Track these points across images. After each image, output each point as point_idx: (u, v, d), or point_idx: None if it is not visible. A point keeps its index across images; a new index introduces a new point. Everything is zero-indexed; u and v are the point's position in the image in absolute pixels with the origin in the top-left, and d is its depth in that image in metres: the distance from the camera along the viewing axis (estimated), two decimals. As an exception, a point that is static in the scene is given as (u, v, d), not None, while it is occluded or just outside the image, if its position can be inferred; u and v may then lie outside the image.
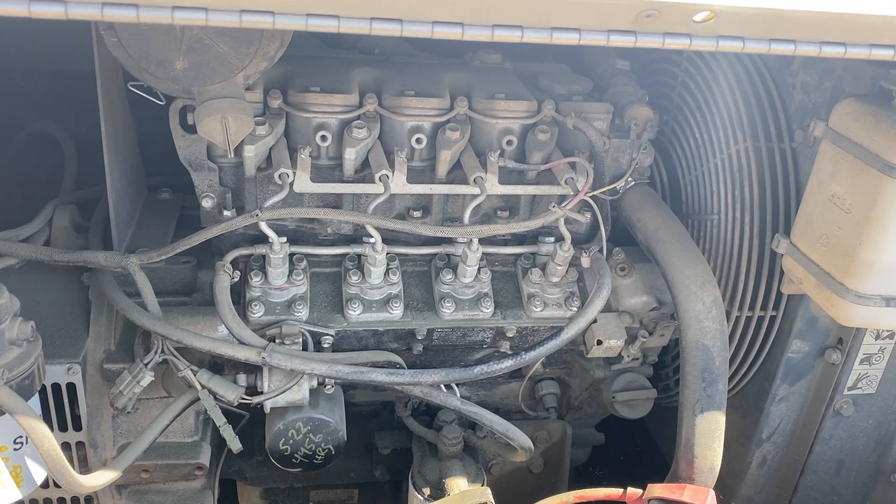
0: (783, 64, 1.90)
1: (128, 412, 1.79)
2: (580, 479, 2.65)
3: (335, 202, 1.90)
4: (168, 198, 2.18)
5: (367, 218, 1.73)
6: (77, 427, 1.84)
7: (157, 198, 2.18)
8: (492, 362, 1.71)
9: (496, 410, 2.21)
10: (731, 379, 2.03)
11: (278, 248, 1.75)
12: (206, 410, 1.89)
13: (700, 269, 1.77)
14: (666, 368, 2.22)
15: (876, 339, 1.87)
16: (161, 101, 1.57)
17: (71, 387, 1.79)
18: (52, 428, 1.82)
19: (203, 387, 1.71)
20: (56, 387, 1.77)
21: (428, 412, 2.17)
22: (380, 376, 1.68)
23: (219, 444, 2.03)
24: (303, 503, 2.38)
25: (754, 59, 1.97)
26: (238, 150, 1.79)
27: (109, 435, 1.87)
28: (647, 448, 2.61)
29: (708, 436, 1.75)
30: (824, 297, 1.55)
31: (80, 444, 1.87)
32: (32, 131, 2.57)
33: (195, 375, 1.72)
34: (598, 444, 2.44)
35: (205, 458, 1.91)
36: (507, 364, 1.71)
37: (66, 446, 1.87)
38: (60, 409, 1.81)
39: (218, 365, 1.93)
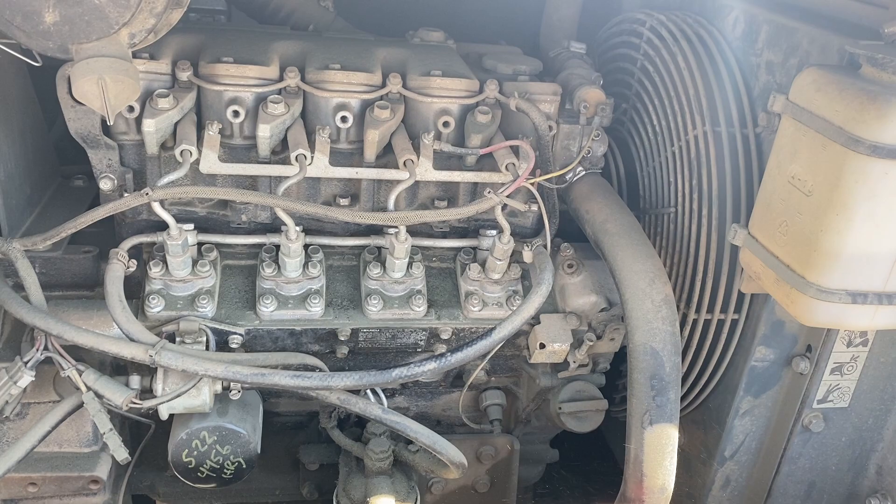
0: (747, 43, 1.73)
1: (7, 417, 1.59)
2: (538, 498, 2.45)
3: (251, 186, 1.72)
4: (82, 185, 2.00)
5: (276, 200, 1.55)
6: (-45, 433, 1.65)
7: (70, 185, 2.00)
8: (412, 365, 1.52)
9: (437, 423, 2.03)
10: (689, 390, 1.84)
11: (176, 234, 1.56)
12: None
13: (650, 263, 1.59)
14: (623, 378, 2.03)
15: (848, 346, 1.69)
16: (37, 62, 1.38)
17: (-54, 388, 1.59)
18: (-76, 435, 1.64)
19: (88, 388, 1.52)
20: (-71, 388, 1.58)
21: (359, 424, 1.97)
22: (284, 379, 1.48)
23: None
24: (225, 523, 2.18)
25: (717, 39, 1.80)
26: (140, 127, 1.61)
27: (-8, 443, 1.68)
28: (609, 467, 2.40)
29: (658, 451, 1.56)
30: (784, 293, 1.37)
31: (-41, 453, 1.67)
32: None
33: (80, 376, 1.52)
34: (552, 462, 2.24)
35: (102, 470, 1.71)
36: (430, 367, 1.51)
37: (-58, 455, 1.67)
38: (-65, 413, 1.61)
39: (122, 367, 1.74)
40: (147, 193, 1.48)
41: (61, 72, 1.51)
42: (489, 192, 1.63)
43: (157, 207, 1.51)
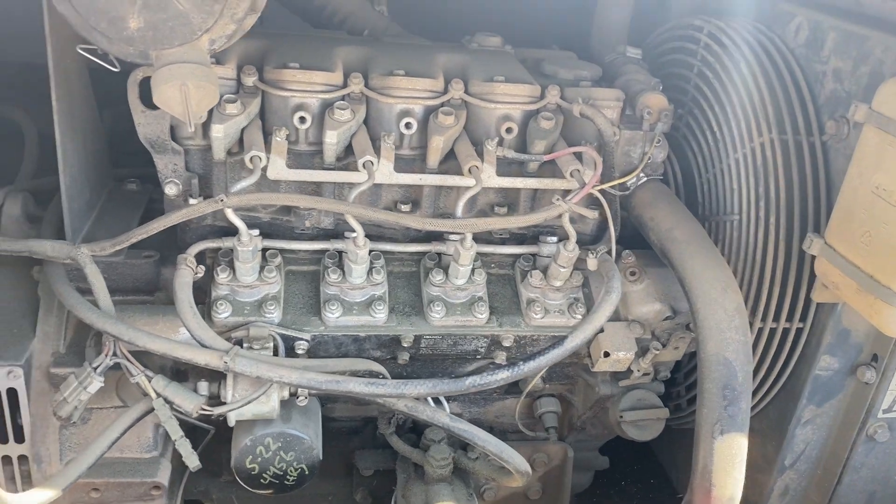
0: (811, 50, 1.73)
1: (74, 423, 1.59)
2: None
3: (315, 192, 1.71)
4: (135, 189, 2.00)
5: (348, 207, 1.54)
6: (19, 438, 1.65)
7: (123, 189, 2.00)
8: (485, 373, 1.51)
9: (490, 430, 2.01)
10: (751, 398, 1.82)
11: (247, 241, 1.55)
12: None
13: (721, 272, 1.58)
14: (678, 386, 2.02)
15: (916, 356, 1.68)
16: (116, 67, 1.38)
17: (12, 393, 1.60)
18: (-11, 438, 1.64)
19: (158, 395, 1.51)
20: (-4, 393, 1.58)
21: (414, 430, 1.97)
22: (358, 387, 1.48)
23: (182, 460, 1.83)
24: (276, 528, 2.17)
25: (779, 47, 1.80)
26: (206, 132, 1.61)
27: (56, 448, 1.68)
28: (654, 474, 2.40)
29: (728, 462, 1.55)
30: (867, 303, 1.36)
31: (22, 458, 1.67)
32: (-1, 116, 2.39)
33: (150, 382, 1.52)
34: (602, 469, 2.23)
35: (163, 476, 1.71)
36: (503, 376, 1.51)
37: (6, 460, 1.67)
38: (0, 418, 1.61)
39: (183, 373, 1.74)
40: (222, 200, 1.47)
41: (133, 77, 1.51)
42: (557, 200, 1.62)
43: (230, 214, 1.51)
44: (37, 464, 1.67)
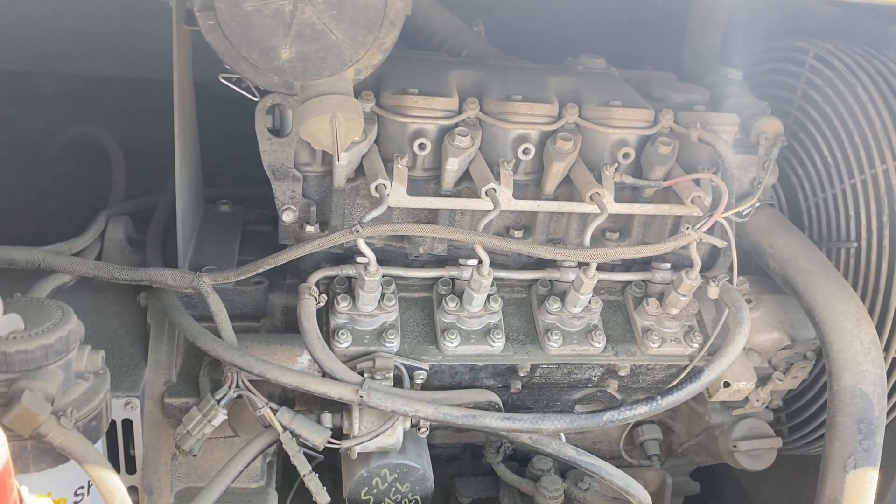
0: (931, 74, 1.70)
1: (195, 455, 1.56)
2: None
3: (427, 219, 1.69)
4: (228, 211, 1.98)
5: (480, 237, 1.51)
6: (131, 470, 1.62)
7: (216, 211, 1.97)
8: (623, 408, 1.48)
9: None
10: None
11: (374, 270, 1.53)
12: (273, 452, 1.67)
13: (853, 304, 1.55)
14: (779, 413, 1.99)
15: None
16: (256, 96, 1.35)
17: (127, 423, 1.57)
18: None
19: (285, 428, 1.48)
20: (111, 424, 1.54)
21: (513, 458, 1.94)
22: (494, 422, 1.45)
23: (280, 488, 1.81)
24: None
25: (893, 71, 1.77)
26: (324, 159, 1.58)
27: (167, 479, 1.64)
28: (736, 499, 2.36)
29: (859, 496, 1.53)
30: None
31: (132, 489, 1.64)
32: (73, 136, 2.36)
33: (275, 414, 1.49)
34: (693, 495, 2.20)
35: (272, 506, 1.68)
36: (642, 410, 1.48)
37: (116, 491, 1.64)
38: (114, 449, 1.58)
39: (290, 400, 1.71)
40: (357, 230, 1.44)
41: (262, 104, 1.48)
42: (688, 229, 1.60)
43: (362, 245, 1.48)
44: (147, 494, 1.64)
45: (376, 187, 1.52)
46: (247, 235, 1.91)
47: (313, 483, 1.49)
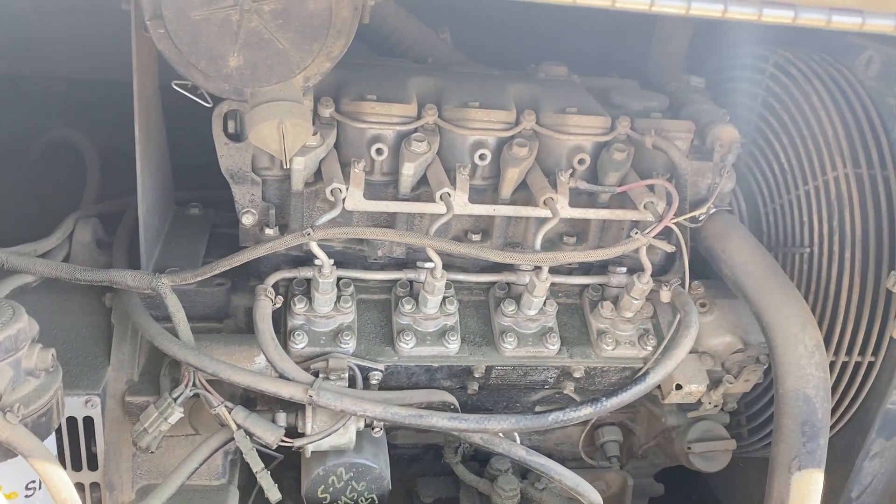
0: (884, 84, 1.73)
1: (152, 452, 1.59)
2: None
3: (386, 222, 1.72)
4: (198, 213, 2.01)
5: (430, 241, 1.55)
6: (93, 466, 1.65)
7: (186, 213, 2.01)
8: (567, 409, 1.51)
9: (549, 457, 2.02)
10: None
11: (328, 272, 1.56)
12: (234, 450, 1.71)
13: (799, 308, 1.58)
14: (738, 416, 2.02)
15: None
16: (209, 103, 1.39)
17: (88, 421, 1.60)
18: (63, 466, 1.64)
19: (239, 426, 1.52)
20: (72, 421, 1.58)
21: (475, 458, 1.97)
22: (441, 421, 1.48)
23: (245, 486, 1.84)
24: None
25: (849, 79, 1.80)
26: (283, 163, 1.62)
27: (128, 476, 1.68)
28: (707, 501, 2.39)
29: (804, 497, 1.56)
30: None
31: (94, 486, 1.68)
32: (52, 139, 2.40)
33: (230, 413, 1.52)
34: (657, 496, 2.23)
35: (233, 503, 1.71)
36: (586, 412, 1.51)
37: (79, 487, 1.66)
38: (75, 445, 1.62)
39: (251, 400, 1.74)
40: (309, 233, 1.48)
41: (218, 110, 1.52)
42: (636, 233, 1.63)
43: (314, 247, 1.51)
44: (109, 491, 1.68)
45: (332, 191, 1.55)
46: (215, 238, 1.94)
47: (265, 480, 1.52)
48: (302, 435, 1.55)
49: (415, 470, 2.03)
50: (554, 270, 1.82)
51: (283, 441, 1.53)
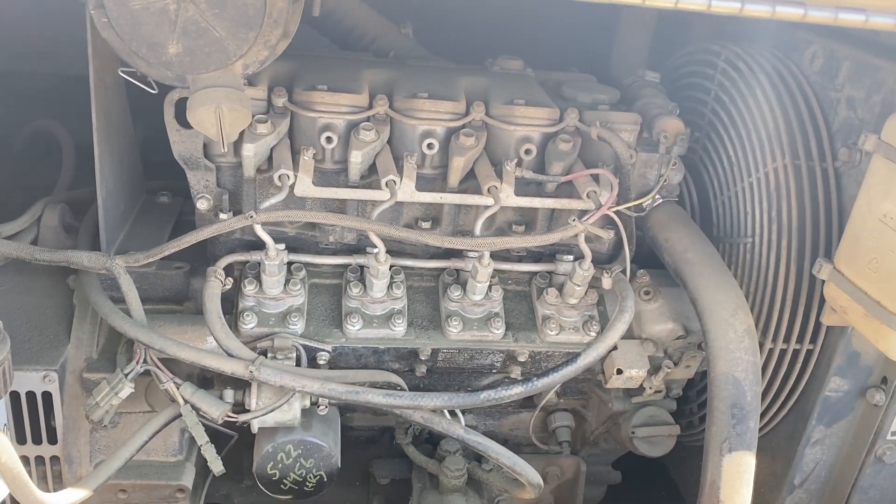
0: (826, 78, 1.76)
1: (105, 426, 1.66)
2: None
3: (339, 209, 1.78)
4: (166, 201, 2.08)
5: (371, 225, 1.60)
6: (52, 440, 1.72)
7: (155, 201, 2.08)
8: (500, 388, 1.56)
9: (504, 442, 2.06)
10: (761, 418, 1.85)
11: (274, 255, 1.62)
12: (192, 428, 1.77)
13: (732, 294, 1.62)
14: (690, 404, 2.06)
15: (925, 380, 1.70)
16: (154, 89, 1.46)
17: (47, 396, 1.67)
18: (24, 440, 1.71)
19: (186, 401, 1.58)
20: (31, 395, 1.66)
21: (430, 441, 2.02)
22: (377, 398, 1.53)
23: (205, 465, 1.90)
24: (295, 533, 2.23)
25: (794, 73, 1.84)
26: (237, 150, 1.68)
27: (87, 450, 1.75)
28: (666, 489, 2.42)
29: (736, 479, 1.59)
30: (873, 328, 1.39)
31: (54, 459, 1.74)
32: (35, 130, 2.48)
33: (178, 389, 1.59)
34: (615, 484, 2.26)
35: (188, 480, 1.78)
36: (518, 391, 1.56)
37: (39, 460, 1.75)
38: (35, 419, 1.69)
39: (208, 380, 1.81)
40: (251, 216, 1.54)
41: (169, 97, 1.58)
42: (573, 220, 1.67)
43: (258, 230, 1.57)
44: (68, 464, 1.74)
45: (279, 177, 1.61)
46: (181, 225, 2.01)
47: (209, 453, 1.58)
48: (248, 411, 1.61)
49: (371, 452, 2.09)
50: (503, 258, 1.87)
51: (229, 416, 1.59)
